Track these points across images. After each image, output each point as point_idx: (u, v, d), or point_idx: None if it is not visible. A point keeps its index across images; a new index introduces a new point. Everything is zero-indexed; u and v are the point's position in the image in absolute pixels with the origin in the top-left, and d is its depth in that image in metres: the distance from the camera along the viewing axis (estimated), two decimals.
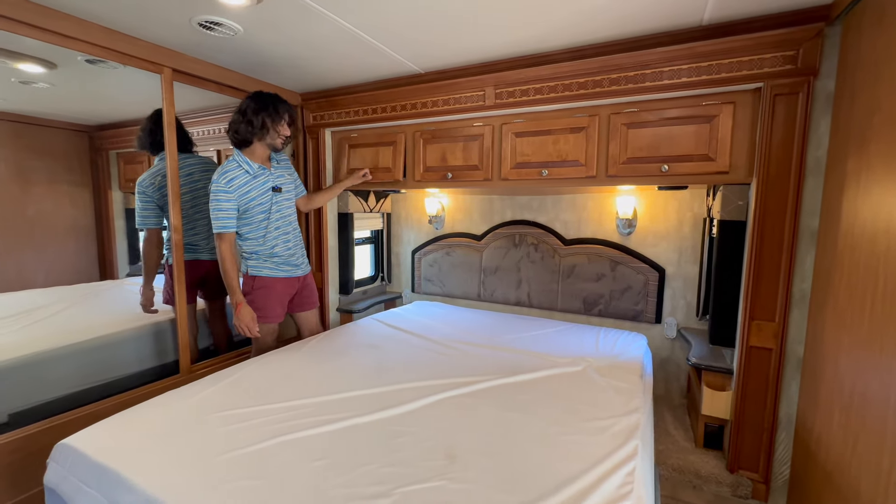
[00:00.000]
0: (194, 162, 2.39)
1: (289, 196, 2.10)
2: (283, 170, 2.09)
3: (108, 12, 1.59)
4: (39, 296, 2.66)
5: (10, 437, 1.54)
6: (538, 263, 2.63)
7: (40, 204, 2.82)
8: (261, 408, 1.35)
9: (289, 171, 2.13)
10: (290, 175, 2.13)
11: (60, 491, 1.11)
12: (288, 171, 2.12)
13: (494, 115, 2.13)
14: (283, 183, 2.05)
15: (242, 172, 1.91)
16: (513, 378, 1.61)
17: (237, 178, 1.89)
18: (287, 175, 2.10)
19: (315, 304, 2.25)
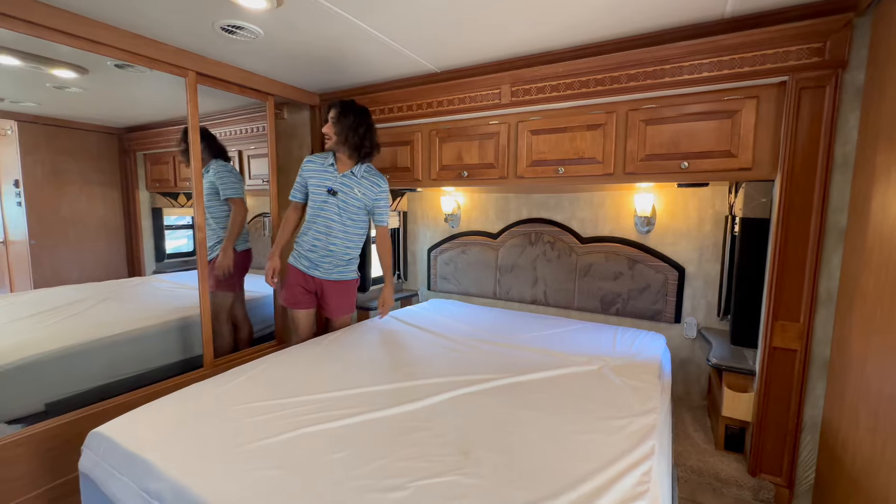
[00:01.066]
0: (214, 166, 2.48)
1: (343, 205, 2.05)
2: (355, 182, 2.04)
3: (136, 19, 1.65)
4: (73, 292, 2.78)
5: (48, 424, 1.62)
6: (554, 262, 2.62)
7: (74, 204, 2.95)
8: (281, 401, 1.38)
9: (362, 187, 2.05)
10: (361, 191, 2.05)
11: (94, 476, 1.17)
12: (361, 186, 2.05)
13: (510, 112, 2.13)
14: (343, 190, 2.04)
15: (317, 163, 2.10)
16: (528, 376, 1.61)
17: (310, 164, 2.11)
18: (357, 189, 2.04)
19: (332, 315, 2.22)
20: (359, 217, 2.11)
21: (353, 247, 2.16)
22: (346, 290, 2.20)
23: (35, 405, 1.88)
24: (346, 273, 2.18)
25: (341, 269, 2.16)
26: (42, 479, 1.57)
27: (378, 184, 2.09)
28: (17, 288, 2.85)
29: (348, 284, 2.20)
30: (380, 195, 2.09)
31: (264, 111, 2.57)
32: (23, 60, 1.94)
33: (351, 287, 2.22)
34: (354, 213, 2.09)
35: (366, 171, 2.08)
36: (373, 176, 2.08)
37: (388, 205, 2.13)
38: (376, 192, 2.08)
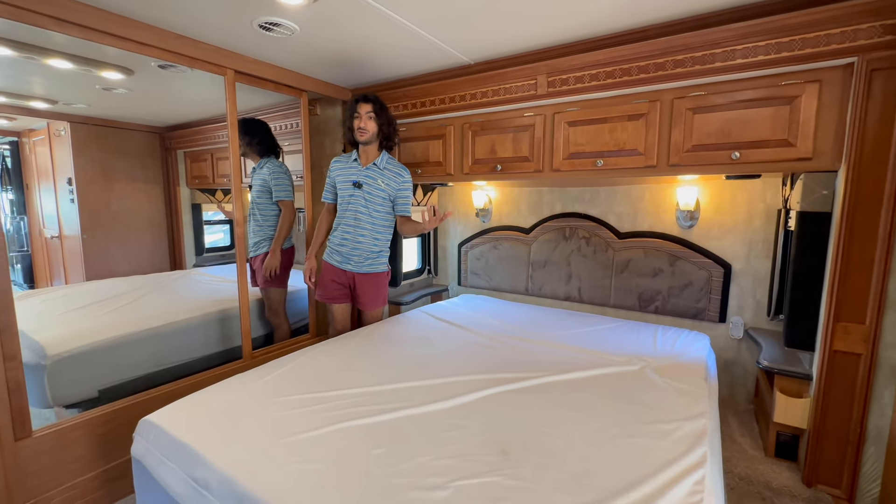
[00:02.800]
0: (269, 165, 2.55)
1: (369, 197, 2.10)
2: (378, 173, 2.09)
3: (178, 19, 1.69)
4: (122, 284, 2.92)
5: (102, 410, 1.71)
6: (590, 258, 2.54)
7: (121, 200, 3.10)
8: (319, 394, 1.40)
9: (385, 178, 2.10)
10: (384, 182, 2.10)
11: (145, 462, 1.22)
12: (384, 177, 2.10)
13: (546, 104, 2.06)
14: (367, 182, 2.09)
15: (342, 161, 2.20)
16: (565, 375, 1.57)
17: (336, 164, 2.21)
18: (380, 179, 2.09)
19: (364, 307, 2.25)
20: (384, 208, 2.16)
21: (382, 238, 2.20)
22: (378, 282, 2.23)
23: (89, 391, 1.99)
24: (376, 266, 2.21)
25: (371, 262, 2.19)
26: (98, 461, 1.66)
27: (401, 174, 2.14)
28: (70, 280, 3.02)
29: (379, 277, 2.23)
30: (403, 185, 2.14)
31: (298, 108, 2.60)
32: (75, 64, 2.03)
33: (382, 280, 2.25)
34: (380, 203, 2.14)
35: (388, 163, 2.14)
36: (395, 167, 2.14)
37: (410, 195, 2.19)
38: (399, 182, 2.13)
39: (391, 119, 2.11)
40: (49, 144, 2.98)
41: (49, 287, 3.03)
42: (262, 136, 2.55)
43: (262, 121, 2.60)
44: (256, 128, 2.53)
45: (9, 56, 1.85)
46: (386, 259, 2.26)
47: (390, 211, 2.18)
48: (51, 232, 3.10)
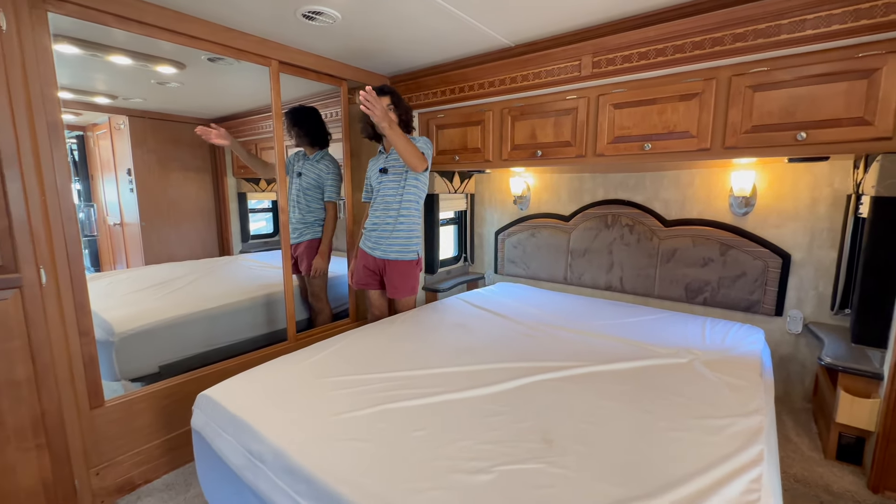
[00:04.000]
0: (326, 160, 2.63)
1: (395, 179, 2.13)
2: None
3: (228, 12, 1.74)
4: (176, 268, 3.11)
5: (164, 384, 1.83)
6: (633, 246, 2.45)
7: (175, 189, 3.28)
8: (362, 377, 1.44)
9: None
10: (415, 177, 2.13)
11: (204, 434, 1.30)
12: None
13: (590, 86, 1.98)
14: (392, 166, 2.13)
15: (374, 158, 2.28)
16: (608, 366, 1.53)
17: (371, 161, 2.29)
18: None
19: (393, 295, 2.26)
20: (414, 185, 2.14)
21: (410, 220, 2.18)
22: (406, 270, 2.22)
23: (151, 367, 2.14)
24: (404, 253, 2.21)
25: (399, 249, 2.19)
26: (161, 430, 1.79)
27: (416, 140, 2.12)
28: (131, 264, 3.25)
29: (408, 266, 2.22)
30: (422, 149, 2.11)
31: (336, 97, 2.64)
32: (134, 59, 2.14)
33: (409, 268, 2.23)
34: (412, 185, 2.14)
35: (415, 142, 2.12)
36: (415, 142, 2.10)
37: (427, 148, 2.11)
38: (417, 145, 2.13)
39: (407, 107, 2.14)
40: (110, 137, 3.18)
41: (113, 270, 3.28)
42: (316, 124, 2.60)
43: (314, 108, 2.65)
44: (311, 116, 2.58)
45: (75, 54, 1.97)
46: (416, 248, 2.25)
47: (422, 191, 2.18)
48: (113, 219, 3.34)
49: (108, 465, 1.63)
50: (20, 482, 1.38)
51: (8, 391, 1.34)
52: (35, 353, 1.39)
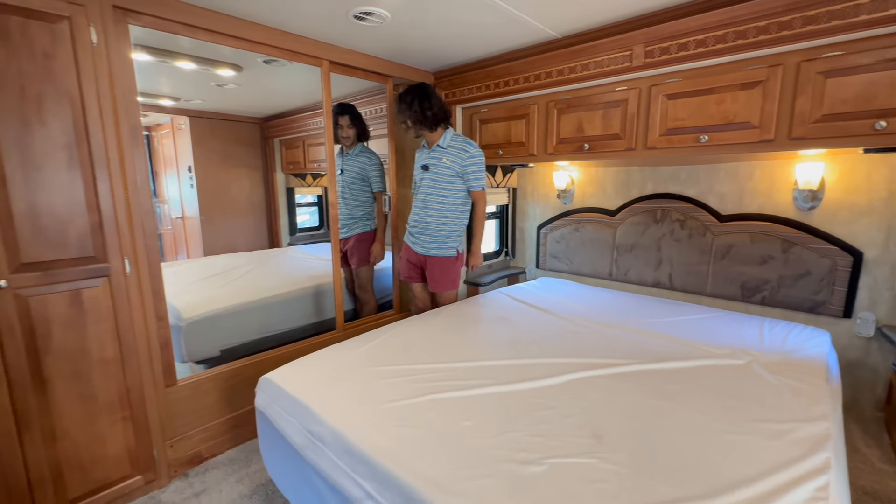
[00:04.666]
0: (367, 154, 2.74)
1: (435, 177, 2.17)
2: (442, 153, 2.16)
3: (285, 17, 1.82)
4: (232, 259, 3.31)
5: (226, 367, 1.98)
6: (684, 242, 2.36)
7: (230, 185, 3.48)
8: (410, 367, 1.49)
9: (450, 155, 2.16)
10: (449, 160, 2.15)
11: (268, 414, 1.40)
12: (449, 155, 2.16)
13: (642, 76, 1.92)
14: (433, 163, 2.18)
15: (419, 151, 2.33)
16: (659, 364, 1.50)
17: (417, 153, 2.35)
18: (445, 158, 2.15)
19: (433, 289, 2.32)
20: (453, 186, 2.19)
21: (450, 220, 2.22)
22: (446, 266, 2.27)
23: (213, 350, 2.31)
24: (444, 249, 2.24)
25: (439, 245, 2.24)
26: (225, 409, 1.94)
27: (465, 149, 2.16)
28: (191, 255, 3.50)
29: (446, 261, 2.26)
30: (468, 160, 2.15)
31: (382, 93, 2.70)
32: (197, 64, 2.29)
33: (449, 264, 2.27)
34: (448, 182, 2.18)
35: (453, 140, 2.18)
36: (460, 143, 2.16)
37: (479, 170, 2.17)
38: (465, 158, 2.15)
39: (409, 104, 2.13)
40: (173, 137, 3.42)
41: (175, 261, 3.54)
42: (358, 121, 2.70)
43: (352, 105, 2.74)
44: (354, 113, 2.67)
45: (148, 61, 2.13)
46: (456, 244, 2.27)
47: (461, 192, 2.20)
48: (175, 213, 3.60)
49: (181, 439, 1.79)
50: (109, 450, 1.55)
51: (100, 369, 1.50)
52: (121, 335, 1.54)
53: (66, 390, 1.43)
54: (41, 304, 1.36)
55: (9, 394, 1.32)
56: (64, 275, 1.40)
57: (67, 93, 1.36)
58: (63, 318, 1.41)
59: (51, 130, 1.34)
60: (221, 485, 1.72)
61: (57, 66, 1.33)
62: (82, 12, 1.36)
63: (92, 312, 1.47)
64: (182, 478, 1.76)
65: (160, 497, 1.66)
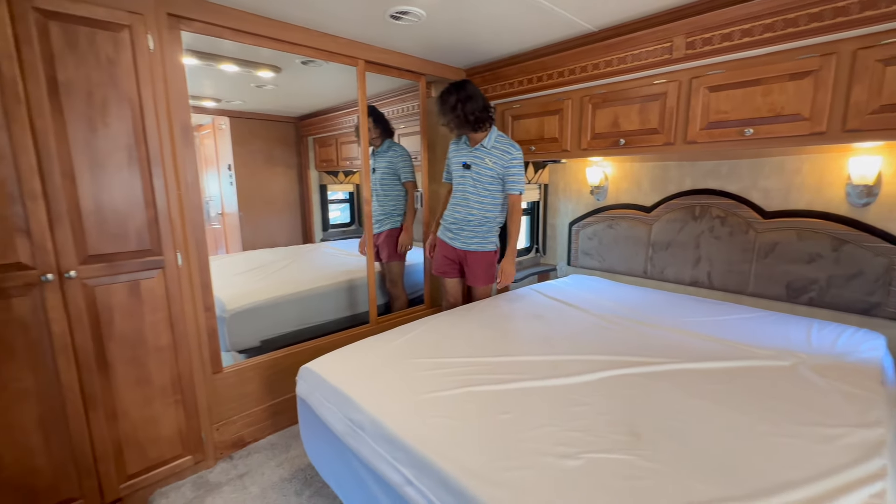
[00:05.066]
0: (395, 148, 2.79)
1: (476, 177, 2.18)
2: (485, 153, 2.14)
3: (325, 19, 1.88)
4: (269, 254, 3.44)
5: (266, 357, 2.07)
6: (724, 239, 2.28)
7: (267, 182, 3.62)
8: (445, 360, 1.52)
9: (492, 157, 2.14)
10: (491, 161, 2.14)
11: (309, 402, 1.46)
12: (492, 156, 2.14)
13: (682, 68, 1.86)
14: (475, 163, 2.17)
15: (457, 143, 2.31)
16: (698, 364, 1.46)
17: (452, 146, 2.34)
18: (487, 159, 2.14)
19: (473, 283, 2.35)
20: (493, 187, 2.19)
21: (491, 218, 2.25)
22: (485, 261, 2.30)
23: (254, 341, 2.42)
24: (484, 245, 2.28)
25: (479, 241, 2.26)
26: (266, 396, 2.03)
27: (508, 151, 2.13)
28: (231, 249, 3.66)
29: (487, 256, 2.29)
30: (511, 163, 2.13)
31: (414, 91, 2.73)
32: (240, 66, 2.39)
33: (490, 258, 2.30)
34: (489, 183, 2.18)
35: (496, 141, 2.15)
36: (503, 145, 2.14)
37: (519, 173, 2.15)
38: (507, 160, 2.13)
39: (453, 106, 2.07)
40: (214, 137, 3.59)
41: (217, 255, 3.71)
42: (381, 120, 2.75)
43: (373, 106, 2.78)
44: (376, 113, 2.73)
45: (194, 64, 2.24)
46: (495, 238, 2.31)
47: (501, 191, 2.21)
48: (215, 210, 3.77)
49: (225, 423, 1.89)
50: (162, 431, 1.66)
51: (157, 355, 1.60)
52: (174, 324, 1.64)
53: (126, 374, 1.54)
54: (105, 293, 1.47)
55: (77, 376, 1.44)
56: (124, 266, 1.50)
57: (128, 96, 1.46)
58: (123, 307, 1.52)
59: (113, 132, 1.44)
60: (263, 468, 1.81)
61: (119, 71, 1.43)
62: (141, 21, 1.45)
63: (148, 302, 1.57)
64: (227, 460, 1.86)
65: (208, 476, 1.76)
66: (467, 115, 2.08)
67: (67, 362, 1.41)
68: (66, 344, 1.41)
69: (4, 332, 1.31)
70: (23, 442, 1.37)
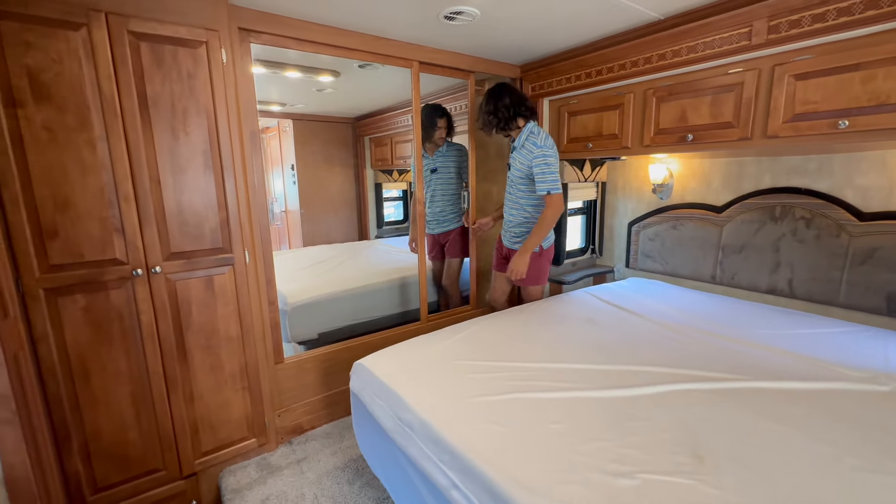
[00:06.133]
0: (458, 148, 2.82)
1: (512, 177, 2.23)
2: (517, 153, 2.17)
3: (380, 24, 1.92)
4: (328, 250, 3.61)
5: (322, 350, 2.17)
6: (810, 243, 2.04)
7: (326, 181, 3.79)
8: (494, 363, 1.51)
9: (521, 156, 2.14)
10: (520, 160, 2.15)
11: (361, 397, 1.52)
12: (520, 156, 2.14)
13: (763, 55, 1.69)
14: (512, 164, 2.21)
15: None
16: (774, 383, 1.33)
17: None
18: (518, 159, 2.16)
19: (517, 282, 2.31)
20: (526, 188, 2.18)
21: (529, 219, 2.23)
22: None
23: (312, 333, 2.55)
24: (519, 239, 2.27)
25: (521, 241, 2.26)
26: (322, 387, 2.14)
27: (530, 150, 2.07)
28: (293, 245, 3.88)
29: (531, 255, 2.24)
30: (533, 161, 2.06)
31: (464, 90, 2.71)
32: (302, 73, 2.52)
33: (532, 259, 2.22)
34: (521, 182, 2.18)
35: (526, 139, 2.11)
36: (528, 141, 2.09)
37: (544, 171, 2.03)
38: (529, 158, 2.08)
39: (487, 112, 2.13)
40: (279, 138, 3.82)
41: (280, 250, 3.96)
42: (449, 119, 2.77)
43: (444, 106, 2.80)
44: (445, 112, 2.73)
45: (262, 73, 2.39)
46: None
47: (535, 192, 2.15)
48: (279, 207, 4.02)
49: (286, 410, 2.01)
50: (232, 414, 1.80)
51: (227, 345, 1.74)
52: (242, 317, 1.78)
53: (202, 361, 1.70)
54: (185, 287, 1.62)
55: (161, 361, 1.60)
56: (201, 263, 1.65)
57: (205, 106, 1.59)
58: (200, 300, 1.66)
59: (192, 139, 1.58)
60: (319, 455, 1.91)
61: (197, 84, 1.56)
62: (216, 36, 1.57)
63: (221, 296, 1.71)
64: (287, 444, 1.99)
65: (270, 459, 1.89)
66: (488, 115, 2.13)
67: (153, 348, 1.58)
68: (153, 332, 1.57)
69: (104, 319, 1.49)
70: (119, 417, 1.56)
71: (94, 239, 1.43)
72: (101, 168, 1.41)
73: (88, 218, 1.42)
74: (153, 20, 1.44)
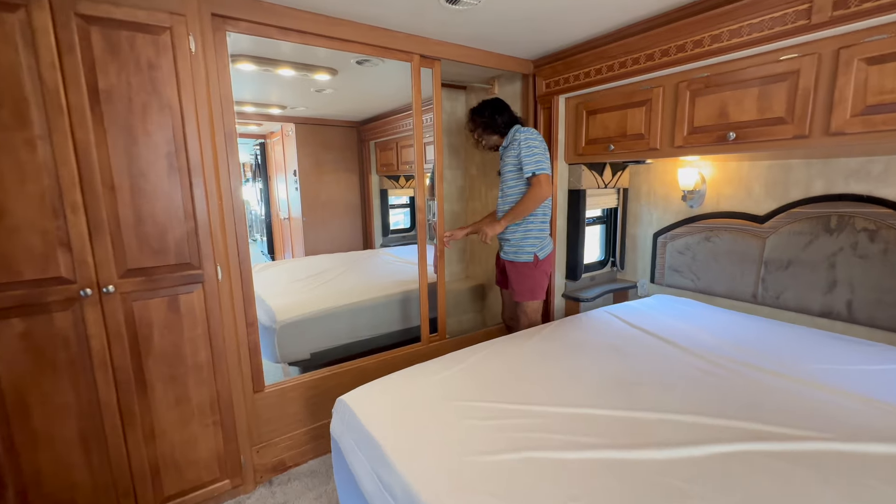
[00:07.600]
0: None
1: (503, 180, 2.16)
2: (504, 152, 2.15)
3: (375, 11, 1.70)
4: (328, 260, 3.40)
5: (310, 377, 1.94)
6: (873, 259, 1.74)
7: (329, 187, 3.59)
8: (499, 405, 1.25)
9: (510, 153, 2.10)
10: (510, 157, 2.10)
11: (341, 444, 1.28)
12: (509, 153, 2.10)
13: (825, 36, 1.41)
14: (502, 168, 2.17)
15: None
16: (862, 445, 1.04)
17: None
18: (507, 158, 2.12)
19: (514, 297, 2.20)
20: (517, 183, 2.08)
21: (521, 225, 2.10)
22: (520, 272, 2.11)
23: (304, 353, 2.33)
24: (519, 254, 2.10)
25: (515, 250, 2.11)
26: (307, 419, 1.91)
27: (515, 137, 2.05)
28: (295, 254, 3.69)
29: (522, 267, 2.10)
30: (519, 146, 2.00)
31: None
32: (296, 70, 2.32)
33: (527, 270, 2.09)
34: (512, 179, 2.09)
35: (513, 137, 2.08)
36: (514, 137, 2.06)
37: (530, 153, 1.97)
38: (516, 147, 2.03)
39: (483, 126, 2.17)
40: (282, 143, 3.64)
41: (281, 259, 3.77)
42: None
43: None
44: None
45: (253, 70, 2.21)
46: (534, 248, 2.09)
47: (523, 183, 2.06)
48: (283, 214, 3.84)
49: (266, 446, 1.78)
50: (200, 453, 1.58)
51: (194, 373, 1.53)
52: (213, 340, 1.56)
53: (164, 392, 1.48)
54: (144, 308, 1.41)
55: (115, 393, 1.39)
56: (163, 280, 1.44)
57: (169, 102, 1.39)
58: (162, 323, 1.45)
59: (154, 139, 1.38)
60: (301, 499, 1.67)
61: (160, 76, 1.36)
62: (182, 22, 1.37)
63: (188, 318, 1.50)
64: (266, 485, 1.76)
65: (245, 502, 1.67)
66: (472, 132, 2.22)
67: (106, 379, 1.37)
68: (105, 360, 1.36)
69: (47, 346, 1.28)
70: (64, 456, 1.35)
71: (35, 254, 1.23)
72: (42, 171, 1.22)
73: (27, 229, 1.22)
74: (106, 2, 1.25)
